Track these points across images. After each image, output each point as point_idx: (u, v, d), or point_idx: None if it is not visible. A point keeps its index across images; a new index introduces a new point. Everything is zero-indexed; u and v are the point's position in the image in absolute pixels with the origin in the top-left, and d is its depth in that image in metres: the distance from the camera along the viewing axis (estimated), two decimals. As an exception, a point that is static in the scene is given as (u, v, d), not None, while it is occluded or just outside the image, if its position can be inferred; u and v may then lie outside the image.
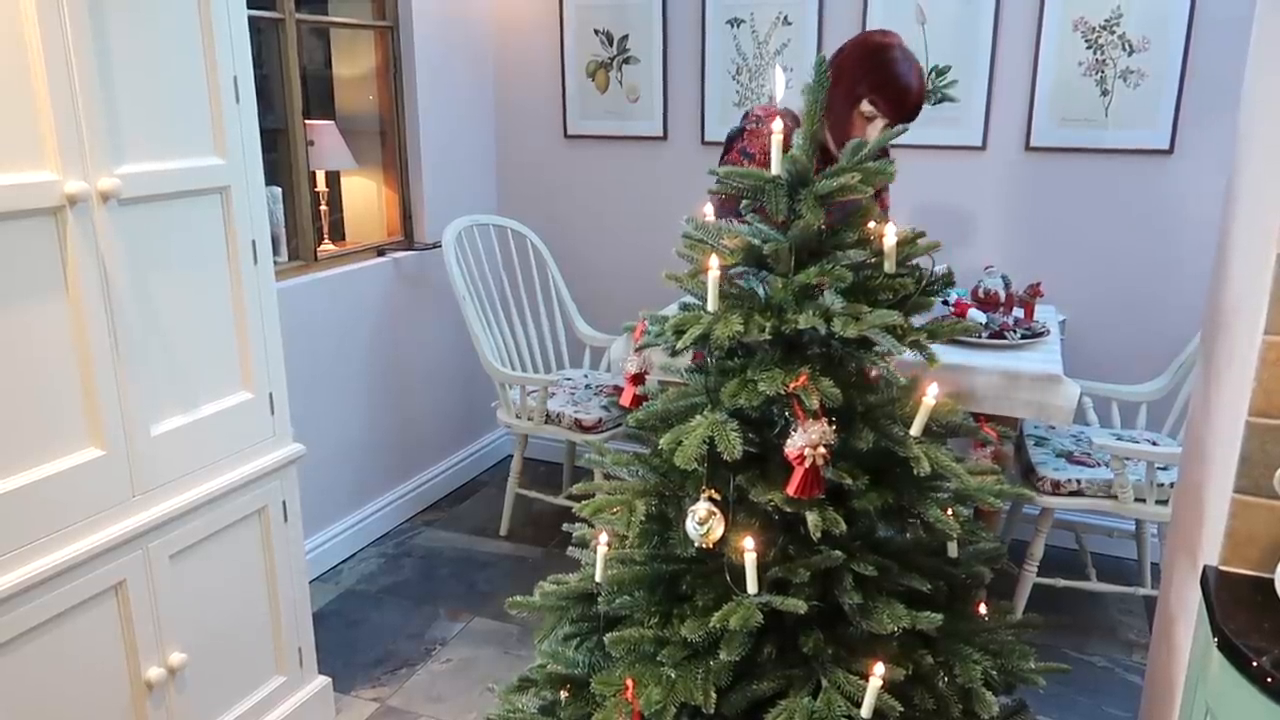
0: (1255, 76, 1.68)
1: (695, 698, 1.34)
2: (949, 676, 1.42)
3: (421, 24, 3.40)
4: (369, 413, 3.38)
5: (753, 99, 3.42)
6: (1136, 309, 3.12)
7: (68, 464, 1.72)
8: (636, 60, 3.57)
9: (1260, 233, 1.42)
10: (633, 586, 1.50)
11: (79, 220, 1.69)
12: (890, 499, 1.40)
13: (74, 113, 1.66)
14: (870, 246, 1.45)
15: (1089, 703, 2.53)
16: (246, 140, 2.04)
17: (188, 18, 1.88)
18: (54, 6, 1.61)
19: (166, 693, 1.96)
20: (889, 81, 2.12)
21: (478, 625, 2.91)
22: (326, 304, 3.13)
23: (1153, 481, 2.60)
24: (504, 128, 3.89)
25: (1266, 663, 1.21)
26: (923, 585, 1.43)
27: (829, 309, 1.37)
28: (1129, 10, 2.91)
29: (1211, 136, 2.89)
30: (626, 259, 3.76)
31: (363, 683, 2.63)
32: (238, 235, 2.04)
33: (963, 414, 1.51)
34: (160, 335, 1.89)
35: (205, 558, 2.04)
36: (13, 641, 1.65)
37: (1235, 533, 1.42)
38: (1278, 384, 1.35)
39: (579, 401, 3.32)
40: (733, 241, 1.47)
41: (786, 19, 3.31)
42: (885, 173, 1.42)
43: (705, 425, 1.35)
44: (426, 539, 3.47)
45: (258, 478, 2.13)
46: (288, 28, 2.90)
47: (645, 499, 1.46)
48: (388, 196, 3.55)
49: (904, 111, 2.12)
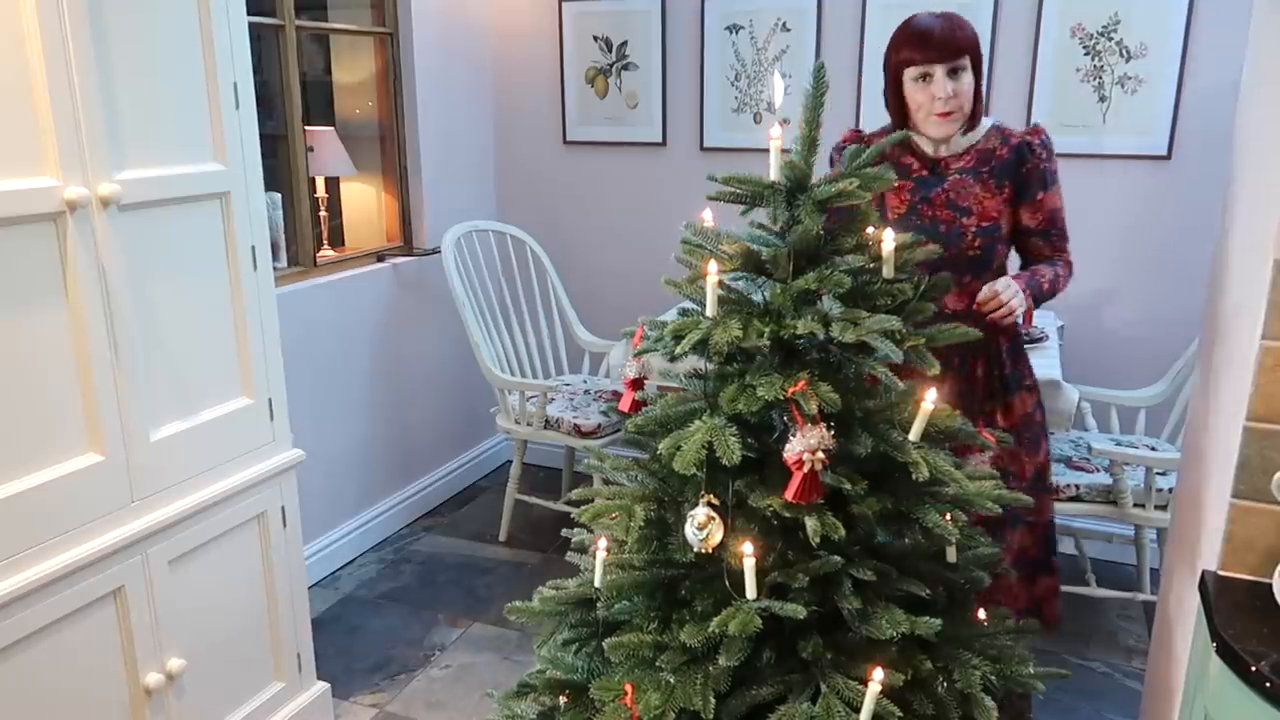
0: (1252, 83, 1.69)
1: (694, 703, 1.34)
2: (948, 682, 1.42)
3: (421, 30, 3.41)
4: (368, 418, 3.38)
5: (751, 105, 3.43)
6: (1135, 314, 3.12)
7: (67, 469, 1.72)
8: (636, 66, 3.58)
9: (1258, 238, 1.43)
10: (632, 592, 1.50)
11: (79, 226, 1.69)
12: (889, 504, 1.40)
13: (74, 118, 1.67)
14: (869, 252, 1.45)
15: (1089, 708, 2.53)
16: (246, 146, 2.04)
17: (188, 24, 1.89)
18: (55, 13, 1.61)
19: (165, 699, 1.96)
20: (905, 32, 2.03)
21: (477, 631, 2.91)
22: (326, 310, 3.13)
23: (1151, 487, 2.60)
24: (503, 134, 3.90)
25: (1265, 668, 1.21)
26: (921, 590, 1.43)
27: (827, 314, 1.37)
28: (1127, 17, 2.92)
29: (1209, 142, 2.90)
30: (625, 264, 3.77)
31: (361, 688, 2.63)
32: (237, 241, 2.04)
33: (961, 419, 1.52)
34: (160, 341, 1.90)
35: (204, 563, 2.04)
36: (12, 647, 1.65)
37: (1234, 538, 1.42)
38: (1276, 389, 1.35)
39: (578, 407, 3.32)
40: (731, 247, 1.47)
41: (785, 25, 3.32)
42: (883, 179, 1.43)
43: (704, 430, 1.35)
44: (426, 545, 3.46)
45: (257, 483, 2.13)
46: (287, 34, 2.91)
47: (644, 504, 1.46)
48: (387, 202, 3.56)
49: (931, 49, 1.97)
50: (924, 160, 2.10)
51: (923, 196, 2.09)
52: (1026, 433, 2.15)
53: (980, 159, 2.06)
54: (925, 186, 2.09)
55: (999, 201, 2.05)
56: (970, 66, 1.99)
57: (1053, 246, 2.11)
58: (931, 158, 2.09)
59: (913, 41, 2.00)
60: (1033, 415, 2.17)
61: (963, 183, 2.05)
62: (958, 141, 2.07)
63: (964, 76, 1.98)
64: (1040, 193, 2.06)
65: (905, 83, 2.03)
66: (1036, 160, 2.04)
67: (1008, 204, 2.06)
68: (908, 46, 2.00)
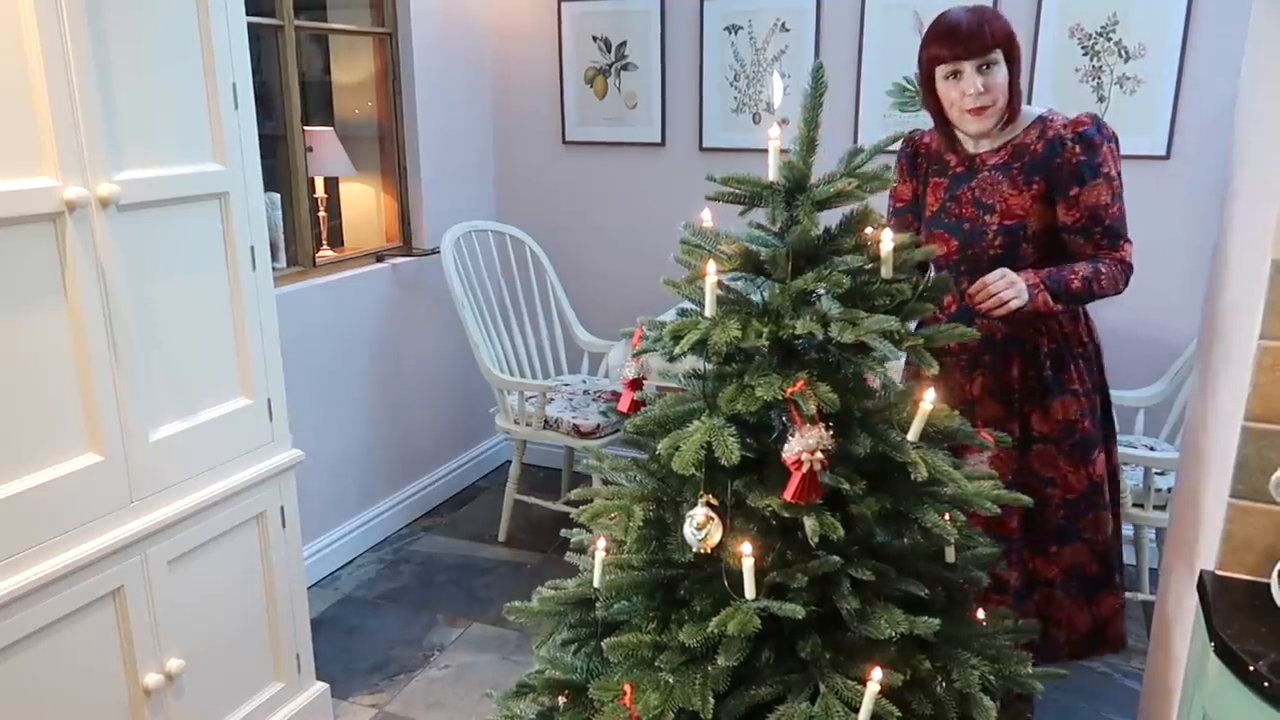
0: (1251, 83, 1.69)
1: (693, 703, 1.34)
2: (947, 682, 1.42)
3: (420, 30, 3.41)
4: (367, 418, 3.38)
5: (750, 105, 3.43)
6: (1133, 314, 3.12)
7: (66, 469, 1.72)
8: (635, 67, 3.58)
9: (1256, 238, 1.43)
10: (631, 592, 1.50)
11: (78, 226, 1.69)
12: (888, 504, 1.40)
13: (73, 119, 1.67)
14: (867, 252, 1.45)
15: (1088, 708, 2.53)
16: (245, 146, 2.04)
17: (187, 24, 1.89)
18: (53, 13, 1.62)
19: (164, 699, 1.96)
20: (935, 29, 1.97)
21: (476, 631, 2.91)
22: (325, 310, 3.13)
23: (1150, 487, 2.60)
24: (503, 134, 3.90)
25: (1263, 667, 1.21)
26: (920, 590, 1.43)
27: (826, 314, 1.37)
28: (1125, 17, 2.92)
29: (1208, 142, 2.90)
30: (625, 265, 3.77)
31: (361, 689, 2.63)
32: (236, 241, 2.04)
33: (960, 419, 1.52)
34: (159, 341, 1.90)
35: (203, 564, 2.04)
36: (11, 647, 1.65)
37: (1232, 537, 1.42)
38: (1274, 389, 1.35)
39: (577, 407, 3.32)
40: (730, 247, 1.47)
41: (784, 25, 3.32)
42: (882, 179, 1.43)
43: (703, 430, 1.35)
44: (425, 545, 3.46)
45: (256, 484, 2.13)
46: (287, 34, 2.91)
47: (643, 504, 1.46)
48: (386, 202, 3.56)
49: (959, 44, 1.92)
50: (962, 157, 2.08)
51: (952, 195, 2.07)
52: (1067, 440, 2.07)
53: (1014, 154, 2.01)
54: (956, 184, 2.07)
55: (1026, 198, 1.98)
56: (1005, 59, 1.94)
57: (1095, 244, 1.98)
58: (969, 154, 2.07)
59: (940, 38, 1.95)
60: (1078, 423, 2.06)
61: (991, 179, 2.02)
62: (996, 136, 2.03)
63: (996, 70, 1.93)
64: (1074, 188, 1.96)
65: (937, 80, 1.99)
66: (1069, 155, 1.95)
67: (1039, 201, 1.98)
68: (936, 43, 1.96)
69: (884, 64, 3.20)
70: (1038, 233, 2.00)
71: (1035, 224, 2.00)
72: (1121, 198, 1.99)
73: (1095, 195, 1.96)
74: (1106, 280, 1.96)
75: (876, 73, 3.23)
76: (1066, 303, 1.97)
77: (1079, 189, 1.96)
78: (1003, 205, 2.00)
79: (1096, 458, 2.10)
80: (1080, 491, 2.09)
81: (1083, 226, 1.98)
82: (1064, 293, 1.94)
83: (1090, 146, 1.95)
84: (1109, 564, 2.14)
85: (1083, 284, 1.95)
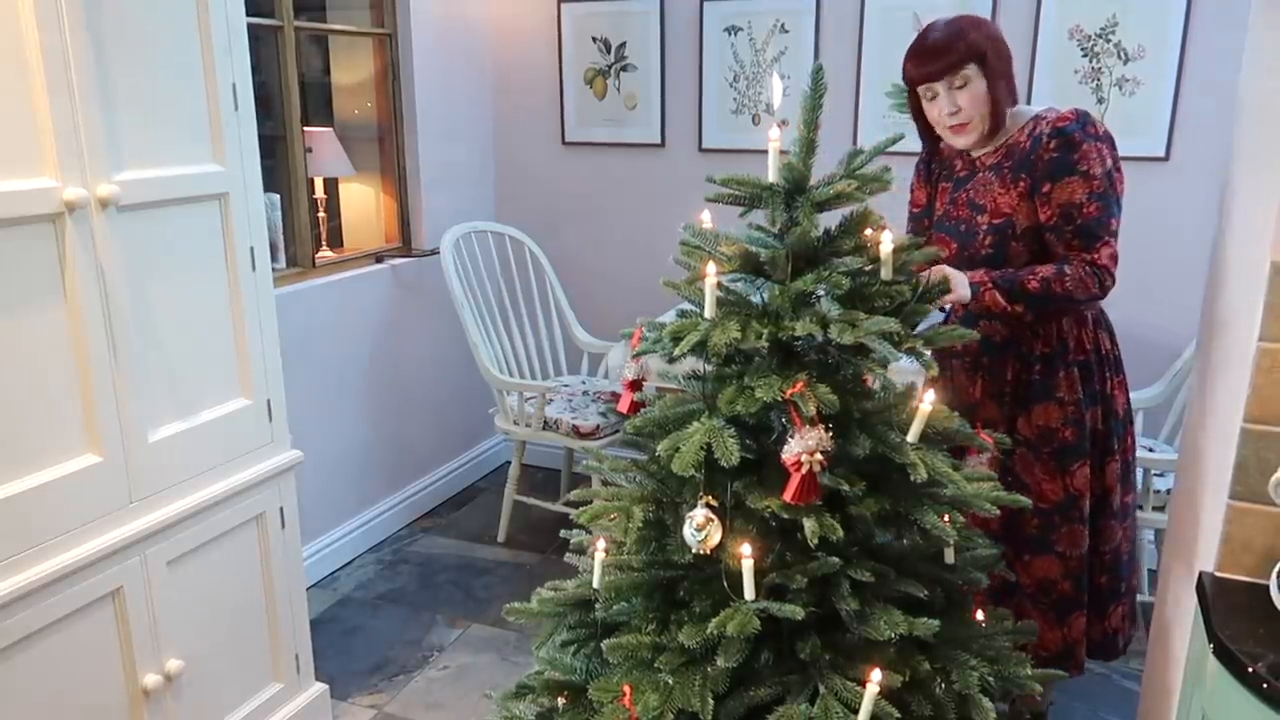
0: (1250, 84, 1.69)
1: (693, 704, 1.34)
2: (946, 683, 1.42)
3: (420, 31, 3.41)
4: (367, 419, 3.38)
5: (750, 106, 3.43)
6: (1132, 315, 3.12)
7: (65, 470, 1.72)
8: (634, 68, 3.58)
9: (1255, 240, 1.43)
10: (630, 593, 1.50)
11: (78, 227, 1.69)
12: (887, 505, 1.40)
13: (73, 119, 1.67)
14: (867, 253, 1.45)
15: (1086, 709, 2.53)
16: (245, 147, 2.04)
17: (186, 25, 1.89)
18: (53, 13, 1.61)
19: (164, 700, 1.96)
20: (911, 48, 1.98)
21: (475, 632, 2.91)
22: (325, 311, 3.13)
23: (1149, 488, 2.60)
24: (502, 135, 3.90)
25: (1262, 668, 1.21)
26: (919, 591, 1.43)
27: (826, 316, 1.37)
28: (1124, 19, 2.92)
29: (1207, 144, 2.90)
30: (624, 266, 3.77)
31: (360, 689, 2.63)
32: (236, 242, 2.04)
33: (959, 420, 1.52)
34: (158, 342, 1.90)
35: (203, 564, 2.04)
36: (10, 648, 1.65)
37: (1231, 539, 1.42)
38: (1273, 390, 1.35)
39: (577, 408, 3.32)
40: (730, 248, 1.48)
41: (784, 27, 3.32)
42: (881, 180, 1.43)
43: (703, 431, 1.35)
44: (424, 545, 3.46)
45: (255, 484, 2.13)
46: (286, 35, 2.91)
47: (643, 505, 1.46)
48: (386, 203, 3.56)
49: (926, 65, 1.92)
50: (965, 161, 2.10)
51: (953, 198, 2.09)
52: (1045, 448, 2.04)
53: (1007, 153, 2.01)
54: (958, 187, 2.09)
55: (1013, 196, 1.97)
56: (981, 72, 1.92)
57: (1066, 245, 1.93)
58: (971, 158, 2.09)
59: (912, 57, 1.97)
60: (1058, 431, 2.02)
61: (985, 180, 2.03)
62: (994, 139, 2.03)
63: (972, 86, 1.92)
64: (1047, 184, 1.92)
65: (921, 98, 2.01)
66: (1044, 150, 1.92)
67: (1025, 198, 1.95)
68: (909, 63, 1.98)
69: (883, 65, 3.20)
70: (1026, 230, 1.98)
71: (1023, 221, 1.97)
72: (1105, 199, 1.93)
73: (1068, 193, 1.91)
74: (1071, 282, 1.91)
75: (876, 74, 3.23)
76: (1026, 304, 1.93)
77: (1050, 185, 1.92)
78: (992, 204, 2.01)
79: (1077, 470, 2.04)
80: (1055, 503, 2.05)
81: (1054, 225, 1.94)
82: (1019, 293, 1.91)
83: (1068, 143, 1.91)
84: (1080, 583, 2.09)
85: (1041, 285, 1.91)
